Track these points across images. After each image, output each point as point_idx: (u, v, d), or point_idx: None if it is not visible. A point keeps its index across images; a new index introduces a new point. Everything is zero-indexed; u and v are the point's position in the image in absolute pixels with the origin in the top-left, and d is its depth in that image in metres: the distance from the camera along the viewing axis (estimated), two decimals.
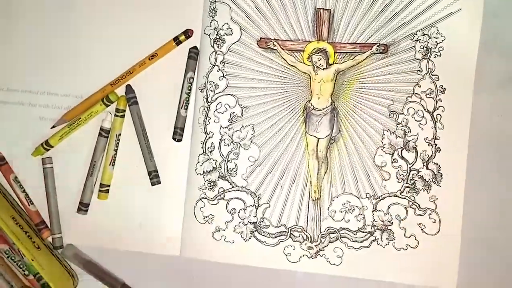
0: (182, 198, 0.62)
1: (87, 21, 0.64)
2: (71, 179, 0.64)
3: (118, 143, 0.63)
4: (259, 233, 0.62)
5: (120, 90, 0.64)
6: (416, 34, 0.60)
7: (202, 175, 0.62)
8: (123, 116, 0.63)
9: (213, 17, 0.62)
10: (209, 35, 0.62)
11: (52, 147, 0.64)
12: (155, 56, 0.63)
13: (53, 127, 0.64)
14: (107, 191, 0.63)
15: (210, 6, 0.62)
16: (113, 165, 0.63)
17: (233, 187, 0.62)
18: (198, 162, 0.62)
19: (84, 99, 0.64)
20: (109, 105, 0.63)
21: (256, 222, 0.62)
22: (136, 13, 0.63)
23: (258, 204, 0.62)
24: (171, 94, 0.63)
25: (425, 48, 0.60)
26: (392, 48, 0.61)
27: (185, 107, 0.62)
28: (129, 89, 0.63)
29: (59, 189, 0.64)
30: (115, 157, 0.63)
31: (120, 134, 0.63)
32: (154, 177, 0.62)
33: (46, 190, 0.63)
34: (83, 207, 0.63)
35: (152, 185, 0.62)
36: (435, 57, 0.60)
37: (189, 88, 0.62)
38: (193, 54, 0.62)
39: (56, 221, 0.63)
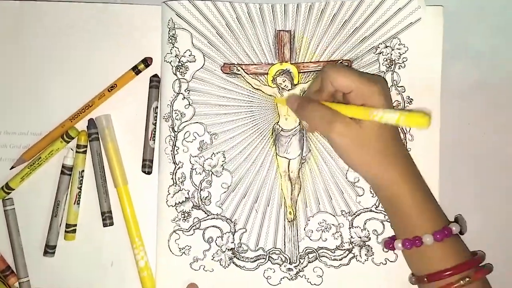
0: (154, 231, 0.60)
1: (41, 55, 0.60)
2: (35, 221, 0.60)
3: (81, 180, 0.60)
4: (238, 258, 0.60)
5: (82, 124, 0.61)
6: (379, 47, 0.60)
7: (174, 206, 0.60)
8: (85, 152, 0.60)
9: (173, 44, 0.60)
10: (170, 63, 0.60)
11: (13, 189, 0.60)
12: (115, 87, 0.60)
13: (12, 167, 0.61)
14: (74, 231, 0.60)
15: (169, 33, 0.59)
16: (78, 204, 0.60)
17: (208, 215, 0.60)
18: (169, 194, 0.60)
19: (43, 137, 0.60)
20: (70, 141, 0.60)
21: (234, 248, 0.60)
22: (93, 44, 0.60)
23: (235, 230, 0.60)
24: (135, 125, 0.60)
25: (388, 60, 0.60)
26: (356, 63, 0.60)
27: (153, 138, 0.60)
28: (91, 123, 0.60)
29: (23, 231, 0.60)
30: (80, 195, 0.60)
31: (83, 171, 0.60)
32: (106, 218, 0.59)
33: (9, 233, 0.60)
34: (49, 249, 0.59)
35: (104, 226, 0.59)
36: (399, 68, 0.60)
37: (155, 118, 0.60)
38: (155, 82, 0.60)
39: (22, 265, 0.59)
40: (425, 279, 0.52)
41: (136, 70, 0.59)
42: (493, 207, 0.60)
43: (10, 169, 0.61)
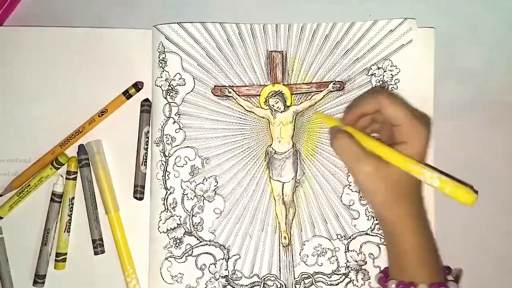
0: (147, 259, 0.59)
1: (30, 81, 0.59)
2: (24, 249, 0.58)
3: (72, 207, 0.58)
4: (232, 286, 0.58)
5: (72, 151, 0.59)
6: (371, 69, 0.59)
7: (166, 233, 0.58)
8: (75, 179, 0.58)
9: (163, 68, 0.59)
10: (160, 87, 0.59)
11: (2, 218, 0.59)
12: (105, 112, 0.59)
13: (1, 195, 0.59)
14: (64, 259, 0.58)
15: (159, 57, 0.58)
16: (68, 232, 0.58)
17: (200, 242, 0.59)
18: (161, 220, 0.58)
19: (33, 163, 0.59)
20: (59, 167, 0.59)
21: (228, 275, 0.59)
22: (83, 68, 0.59)
23: (228, 256, 0.59)
24: (126, 150, 0.59)
25: (381, 82, 0.59)
26: (348, 84, 0.59)
27: (145, 163, 0.59)
28: (81, 149, 0.59)
29: (12, 260, 0.58)
30: (70, 223, 0.59)
31: (73, 198, 0.59)
32: (97, 245, 0.58)
33: None
34: (39, 279, 0.57)
35: (95, 254, 0.58)
36: (392, 89, 0.59)
37: (147, 143, 0.59)
38: (146, 107, 0.59)
39: None
40: None
41: (127, 94, 0.59)
42: (486, 223, 0.59)
43: (0, 196, 0.59)
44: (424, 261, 0.49)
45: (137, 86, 0.58)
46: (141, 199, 0.58)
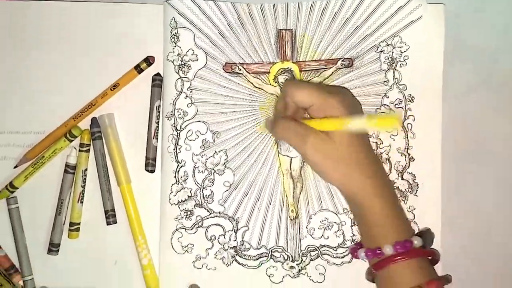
0: (157, 230, 0.60)
1: (44, 54, 0.60)
2: (39, 219, 0.60)
3: (85, 179, 0.60)
4: (241, 256, 0.60)
5: (85, 123, 0.61)
6: (380, 45, 0.60)
7: (177, 205, 0.60)
8: (88, 151, 0.60)
9: (175, 43, 0.60)
10: (172, 62, 0.60)
11: (17, 188, 0.60)
12: (117, 86, 0.60)
13: (16, 166, 0.61)
14: (78, 229, 0.60)
15: (171, 32, 0.59)
16: (81, 202, 0.60)
17: (210, 213, 0.60)
18: (172, 192, 0.60)
19: (46, 136, 0.60)
20: (73, 140, 0.60)
21: (236, 246, 0.60)
22: (95, 43, 0.60)
23: (237, 228, 0.61)
24: (138, 124, 0.60)
25: (390, 59, 0.60)
26: (357, 61, 0.60)
27: (156, 136, 0.60)
28: (94, 122, 0.60)
29: (27, 230, 0.60)
30: (83, 194, 0.60)
31: (86, 170, 0.60)
32: (110, 216, 0.59)
33: (13, 232, 0.60)
34: (53, 247, 0.59)
35: (107, 224, 0.60)
36: (401, 66, 0.59)
37: (158, 117, 0.60)
38: (158, 81, 0.60)
39: (26, 263, 0.59)
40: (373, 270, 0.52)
41: (138, 69, 0.60)
42: (495, 205, 0.60)
43: (14, 168, 0.61)
44: (389, 224, 0.51)
45: (149, 61, 0.59)
46: (152, 171, 0.60)
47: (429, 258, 0.52)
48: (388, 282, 0.51)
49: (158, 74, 0.60)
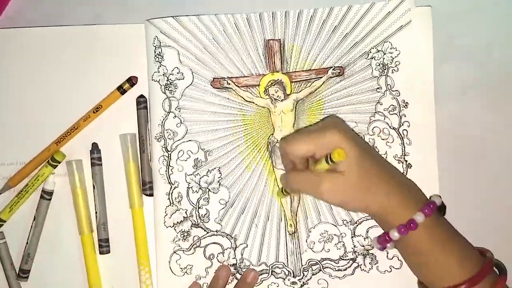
0: (153, 254, 0.59)
1: (25, 81, 0.59)
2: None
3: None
4: (240, 274, 0.60)
5: (68, 147, 0.59)
6: (370, 52, 0.58)
7: (173, 227, 0.59)
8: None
9: (160, 63, 0.58)
10: (158, 81, 0.58)
11: (4, 221, 0.59)
12: (100, 108, 0.58)
13: None
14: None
15: (155, 52, 0.58)
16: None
17: (207, 232, 0.59)
18: (166, 215, 0.59)
19: (29, 161, 0.59)
20: (56, 165, 0.58)
21: (236, 264, 0.59)
22: (76, 66, 0.59)
23: (236, 245, 0.59)
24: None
25: (381, 65, 0.59)
26: (348, 69, 0.58)
27: (151, 159, 0.59)
28: (95, 147, 0.59)
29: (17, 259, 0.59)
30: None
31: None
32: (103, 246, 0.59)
33: (3, 266, 0.59)
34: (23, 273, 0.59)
35: (100, 254, 0.59)
36: (392, 72, 0.58)
37: (149, 139, 0.59)
38: (143, 103, 0.58)
39: None
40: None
41: (121, 90, 0.58)
42: (493, 206, 0.59)
43: None
44: (410, 202, 0.51)
45: (131, 81, 0.58)
46: (151, 195, 0.59)
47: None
48: None
49: (142, 96, 0.58)
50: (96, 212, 0.59)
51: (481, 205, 0.59)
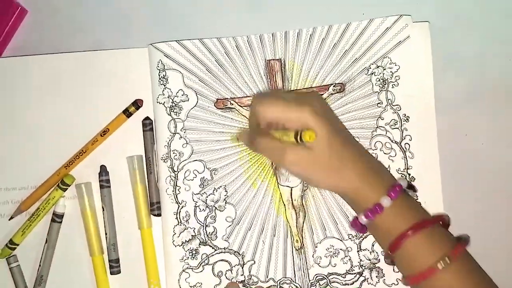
0: (163, 273, 0.60)
1: (32, 108, 0.61)
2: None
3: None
4: None
5: (76, 171, 0.61)
6: (370, 68, 0.59)
7: (181, 246, 0.60)
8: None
9: (165, 85, 0.60)
10: (163, 104, 0.60)
11: (17, 245, 0.60)
12: (107, 132, 0.60)
13: (11, 218, 0.60)
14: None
15: (159, 75, 0.60)
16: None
17: (215, 250, 0.60)
18: (175, 234, 0.60)
19: (39, 186, 0.60)
20: (66, 189, 0.60)
21: (244, 280, 0.60)
22: (82, 92, 0.61)
23: (243, 262, 0.60)
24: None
25: (381, 80, 0.60)
26: (348, 85, 0.59)
27: (158, 180, 0.60)
28: (103, 170, 0.60)
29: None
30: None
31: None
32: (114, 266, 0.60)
33: None
34: None
35: (111, 274, 0.60)
36: (392, 87, 0.59)
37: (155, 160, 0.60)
38: (149, 125, 0.60)
39: None
40: (389, 252, 0.52)
41: (127, 113, 0.60)
42: (495, 215, 0.60)
43: (9, 220, 0.61)
44: (375, 183, 0.52)
45: (137, 104, 0.59)
46: (159, 215, 0.60)
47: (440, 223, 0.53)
48: (410, 258, 0.51)
49: (147, 118, 0.60)
50: (106, 234, 0.60)
51: (484, 215, 0.59)
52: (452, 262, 0.49)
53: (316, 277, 0.59)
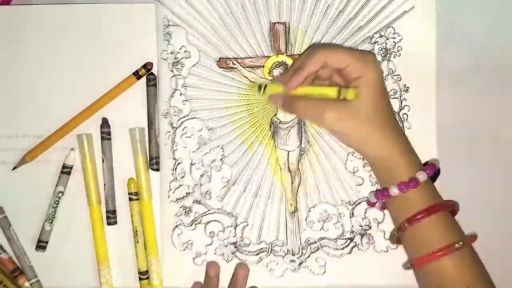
0: (158, 227, 0.61)
1: (39, 57, 0.61)
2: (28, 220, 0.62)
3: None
4: (241, 252, 0.61)
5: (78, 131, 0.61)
6: (373, 37, 0.60)
7: (176, 202, 0.61)
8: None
9: (168, 41, 0.60)
10: (166, 60, 0.60)
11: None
12: (116, 92, 0.61)
13: (15, 168, 0.61)
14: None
15: (164, 31, 0.60)
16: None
17: (209, 210, 0.61)
18: (170, 189, 0.61)
19: (46, 138, 0.61)
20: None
21: (236, 242, 0.61)
22: (87, 44, 0.61)
23: (236, 223, 0.61)
24: (136, 124, 0.61)
25: (384, 50, 0.60)
26: None
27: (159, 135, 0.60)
28: (104, 122, 0.61)
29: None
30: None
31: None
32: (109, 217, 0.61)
33: (7, 239, 0.61)
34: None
35: (108, 225, 0.61)
36: (394, 57, 0.60)
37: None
38: (153, 81, 0.60)
39: (28, 267, 0.61)
40: (405, 224, 0.52)
41: (137, 75, 0.60)
42: (491, 189, 0.60)
43: (12, 169, 0.61)
44: (411, 163, 0.53)
45: (147, 67, 0.60)
46: (157, 170, 0.61)
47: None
48: (421, 238, 0.52)
49: (151, 73, 0.61)
50: (104, 185, 0.60)
51: (479, 188, 0.60)
52: (463, 248, 0.50)
53: (308, 240, 0.60)
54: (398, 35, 0.60)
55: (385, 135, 0.52)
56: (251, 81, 0.60)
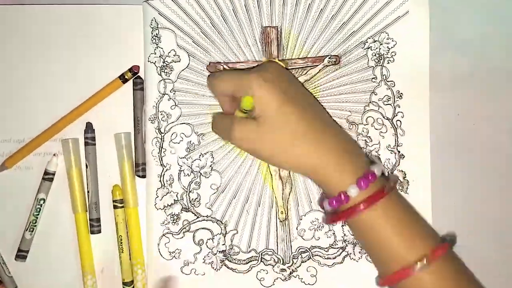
0: (144, 236, 0.59)
1: (20, 61, 0.59)
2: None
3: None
4: (230, 260, 0.60)
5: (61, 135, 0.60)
6: (367, 42, 0.59)
7: (163, 209, 0.59)
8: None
9: (157, 44, 0.59)
10: (154, 63, 0.59)
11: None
12: (101, 96, 0.59)
13: None
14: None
15: (152, 33, 0.58)
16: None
17: (198, 217, 0.60)
18: (157, 197, 0.59)
19: (27, 143, 0.59)
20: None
21: (225, 250, 0.59)
22: (72, 47, 0.59)
23: (226, 231, 0.60)
24: (120, 129, 0.60)
25: (377, 55, 0.59)
26: (344, 58, 0.59)
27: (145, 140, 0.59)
28: (89, 127, 0.59)
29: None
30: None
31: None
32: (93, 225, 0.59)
33: None
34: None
35: (91, 233, 0.59)
36: (388, 62, 0.59)
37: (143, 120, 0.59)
38: (140, 84, 0.59)
39: (7, 278, 0.59)
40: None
41: (123, 78, 0.59)
42: (484, 195, 0.60)
43: None
44: (344, 167, 0.49)
45: (133, 70, 0.59)
46: (144, 176, 0.59)
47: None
48: (387, 257, 0.48)
49: (138, 77, 0.59)
50: (88, 192, 0.59)
51: (471, 196, 0.59)
52: (432, 263, 0.46)
53: (299, 249, 0.59)
54: (392, 40, 0.59)
55: (298, 151, 0.48)
56: None
